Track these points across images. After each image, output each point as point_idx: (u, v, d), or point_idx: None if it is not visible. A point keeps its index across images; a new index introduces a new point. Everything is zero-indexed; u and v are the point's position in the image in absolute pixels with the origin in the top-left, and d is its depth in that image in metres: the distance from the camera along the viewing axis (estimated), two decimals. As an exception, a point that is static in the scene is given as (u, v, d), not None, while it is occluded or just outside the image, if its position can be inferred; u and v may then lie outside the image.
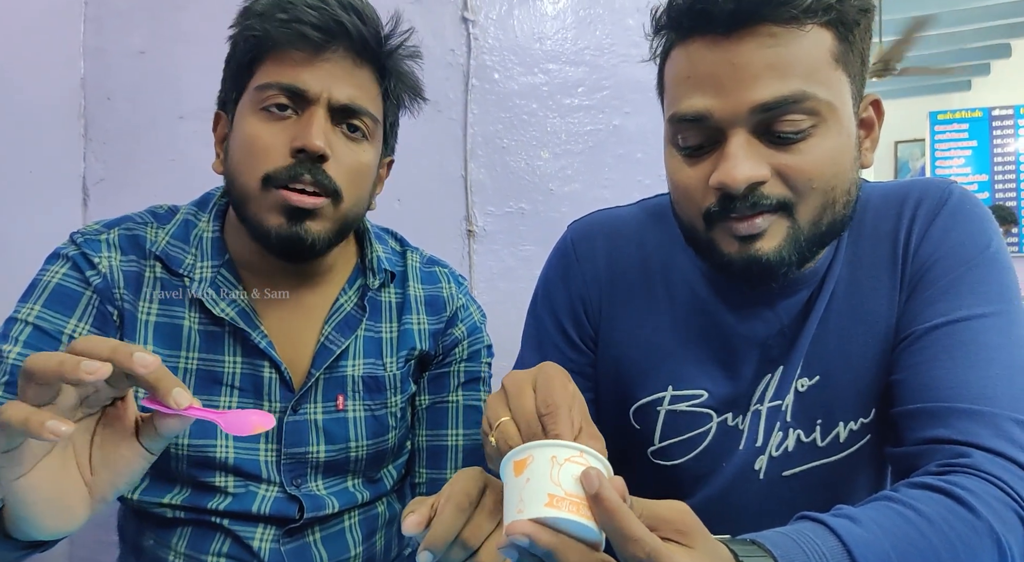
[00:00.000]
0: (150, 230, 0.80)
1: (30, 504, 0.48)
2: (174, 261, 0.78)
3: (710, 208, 0.65)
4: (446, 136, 1.30)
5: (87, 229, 0.79)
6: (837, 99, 0.63)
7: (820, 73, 0.62)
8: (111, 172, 1.25)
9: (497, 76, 1.31)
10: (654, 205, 0.82)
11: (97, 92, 1.25)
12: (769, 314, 0.73)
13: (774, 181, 0.63)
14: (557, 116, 1.32)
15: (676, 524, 0.45)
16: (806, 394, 0.73)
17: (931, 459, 0.61)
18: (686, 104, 0.64)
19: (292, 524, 0.78)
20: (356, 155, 0.76)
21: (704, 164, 0.65)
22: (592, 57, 1.33)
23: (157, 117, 1.26)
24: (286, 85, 0.72)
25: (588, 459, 0.45)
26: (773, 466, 0.74)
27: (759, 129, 0.63)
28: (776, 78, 0.61)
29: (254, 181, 0.72)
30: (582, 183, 1.32)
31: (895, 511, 0.56)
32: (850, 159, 0.66)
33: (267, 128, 0.73)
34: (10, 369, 0.70)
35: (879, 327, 0.71)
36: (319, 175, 0.72)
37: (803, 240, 0.65)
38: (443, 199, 1.30)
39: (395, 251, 0.90)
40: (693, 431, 0.75)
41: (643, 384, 0.77)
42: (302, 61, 0.72)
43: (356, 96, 0.75)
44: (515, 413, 0.52)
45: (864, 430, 0.73)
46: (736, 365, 0.74)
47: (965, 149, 5.76)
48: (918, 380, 0.65)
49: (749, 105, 0.61)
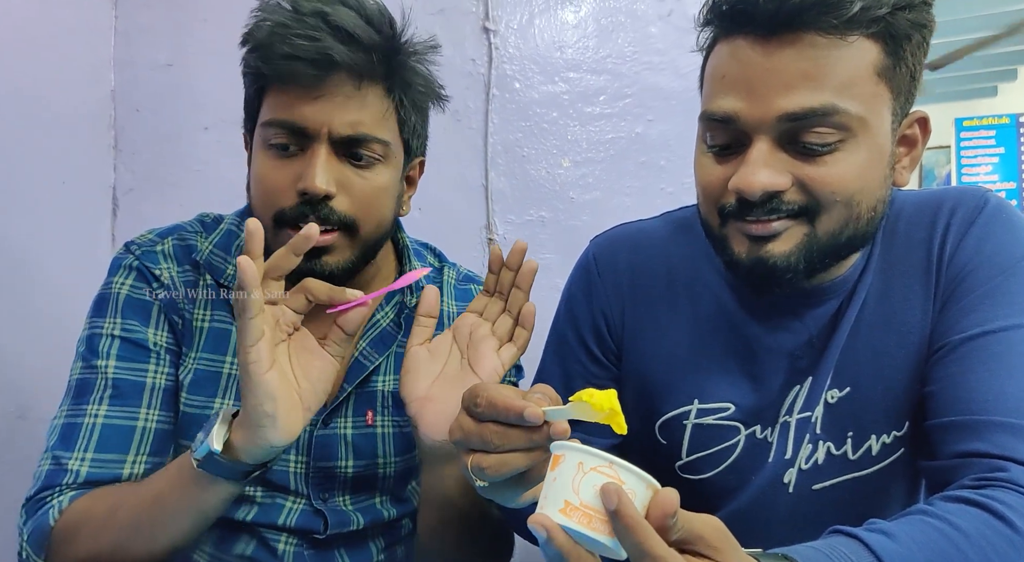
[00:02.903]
0: (200, 239, 0.81)
1: (277, 399, 0.60)
2: (216, 271, 0.79)
3: (726, 206, 0.65)
4: (467, 145, 1.31)
5: (142, 239, 0.81)
6: (872, 115, 0.62)
7: (857, 87, 0.60)
8: (139, 182, 1.28)
9: (518, 85, 1.32)
10: (680, 217, 0.82)
11: (126, 104, 1.28)
12: (796, 324, 0.72)
13: (795, 190, 0.62)
14: (578, 124, 1.32)
15: (709, 540, 0.45)
16: (836, 406, 0.71)
17: (967, 473, 0.60)
18: (716, 103, 0.64)
19: (317, 535, 0.78)
20: (368, 182, 0.74)
21: (728, 164, 0.65)
22: (614, 65, 1.32)
23: (183, 128, 1.28)
24: (286, 122, 0.72)
25: (618, 471, 0.45)
26: (803, 479, 0.73)
27: (785, 137, 0.62)
28: (808, 89, 0.60)
29: (267, 219, 0.73)
30: (603, 191, 1.31)
31: (931, 526, 0.55)
32: (879, 176, 0.64)
33: (274, 167, 0.73)
34: (111, 382, 0.74)
35: (912, 337, 0.69)
36: (326, 213, 0.72)
37: (816, 250, 0.64)
38: (464, 208, 1.30)
39: (433, 267, 0.90)
40: (720, 445, 0.74)
41: (668, 398, 0.76)
42: (300, 96, 0.71)
43: (359, 123, 0.72)
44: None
45: (897, 443, 0.71)
46: (763, 376, 0.73)
47: (992, 156, 5.65)
48: (953, 392, 0.64)
49: (776, 113, 0.60)
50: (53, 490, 0.71)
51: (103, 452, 0.72)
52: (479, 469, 0.52)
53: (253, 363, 0.59)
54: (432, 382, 0.68)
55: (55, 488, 0.71)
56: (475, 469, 0.52)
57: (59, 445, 0.72)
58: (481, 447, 0.52)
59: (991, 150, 5.65)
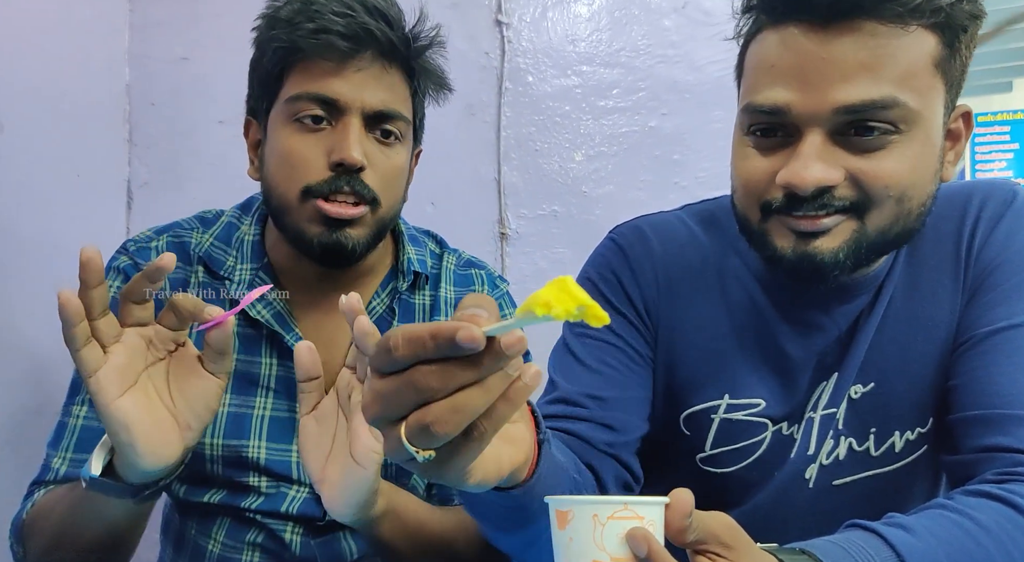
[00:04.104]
0: (196, 235, 0.82)
1: (130, 425, 0.56)
2: (216, 262, 0.80)
3: (771, 202, 0.63)
4: (479, 139, 1.30)
5: (139, 237, 0.82)
6: (928, 108, 0.60)
7: (916, 79, 0.59)
8: (154, 175, 1.28)
9: (531, 79, 1.31)
10: (701, 210, 0.80)
11: (141, 97, 1.28)
12: (826, 321, 0.71)
13: (846, 184, 0.60)
14: (591, 118, 1.31)
15: (723, 537, 0.45)
16: (860, 401, 0.71)
17: (988, 467, 0.60)
18: (764, 95, 0.61)
19: (318, 522, 0.78)
20: (391, 159, 0.77)
21: (774, 157, 0.62)
22: (628, 58, 1.31)
23: (198, 122, 1.28)
24: (319, 95, 0.73)
25: (635, 509, 0.43)
26: (823, 475, 0.72)
27: (838, 130, 0.60)
28: (868, 79, 0.58)
29: (293, 193, 0.73)
30: (616, 185, 1.30)
31: (950, 520, 0.54)
32: (931, 171, 0.62)
33: (303, 141, 0.73)
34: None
35: (939, 332, 0.68)
36: (358, 186, 0.73)
37: (865, 246, 0.62)
38: (476, 202, 1.30)
39: (433, 253, 0.90)
40: (747, 440, 0.73)
41: (697, 391, 0.74)
42: (332, 70, 0.72)
43: (388, 101, 0.75)
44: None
45: (921, 440, 0.70)
46: (793, 373, 0.72)
47: (1007, 152, 5.58)
48: (976, 386, 0.63)
49: (833, 105, 0.58)
50: (38, 486, 0.75)
51: (79, 452, 0.74)
52: (422, 430, 0.35)
53: (95, 394, 0.56)
54: (325, 461, 0.60)
55: (39, 484, 0.75)
56: (416, 432, 0.35)
57: (51, 443, 0.76)
58: (416, 402, 0.35)
59: (1006, 145, 5.57)
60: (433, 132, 0.87)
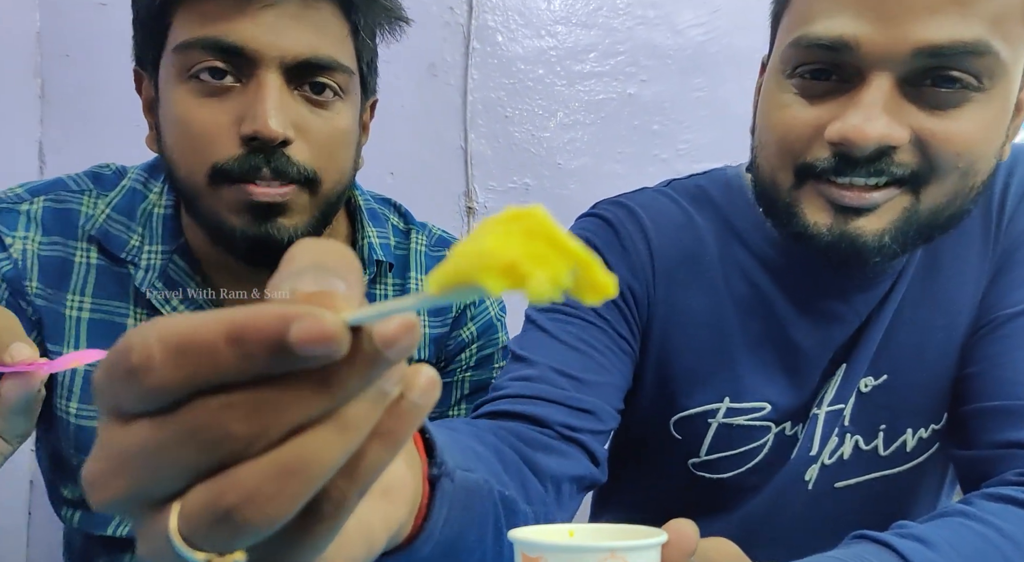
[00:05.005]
0: (87, 201, 0.65)
1: None
2: (115, 243, 0.63)
3: (814, 164, 0.53)
4: (444, 103, 1.22)
5: (6, 194, 0.64)
6: (1015, 63, 0.51)
7: (1007, 25, 0.49)
8: (70, 136, 1.16)
9: (500, 38, 1.24)
10: (691, 187, 0.70)
11: (54, 48, 1.16)
12: (844, 309, 0.63)
13: (909, 148, 0.51)
14: (566, 83, 1.25)
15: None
16: (870, 395, 0.65)
17: (1009, 466, 0.55)
18: (825, 25, 0.51)
19: None
20: (329, 123, 0.60)
21: (824, 107, 0.53)
22: (606, 19, 1.25)
23: (120, 76, 1.13)
24: (217, 41, 0.55)
25: (626, 556, 0.35)
26: (824, 476, 0.66)
27: (912, 78, 0.51)
28: (958, 16, 0.48)
29: (200, 175, 0.57)
30: (592, 157, 1.25)
31: (972, 530, 0.49)
32: (999, 141, 0.55)
33: (202, 106, 0.56)
34: None
35: (960, 317, 0.62)
36: (282, 163, 0.57)
37: (915, 229, 0.54)
38: (440, 173, 1.23)
39: (397, 230, 0.76)
40: (747, 445, 0.67)
41: (692, 393, 0.66)
42: (232, 6, 0.54)
43: (317, 45, 0.57)
44: None
45: (935, 438, 0.65)
46: (804, 369, 0.65)
47: None
48: (996, 373, 0.58)
49: (914, 44, 0.49)
50: None
51: None
52: (217, 520, 0.19)
53: None
54: None
55: None
56: (204, 524, 0.20)
57: None
58: (199, 467, 0.20)
59: None
60: (391, 92, 0.76)
